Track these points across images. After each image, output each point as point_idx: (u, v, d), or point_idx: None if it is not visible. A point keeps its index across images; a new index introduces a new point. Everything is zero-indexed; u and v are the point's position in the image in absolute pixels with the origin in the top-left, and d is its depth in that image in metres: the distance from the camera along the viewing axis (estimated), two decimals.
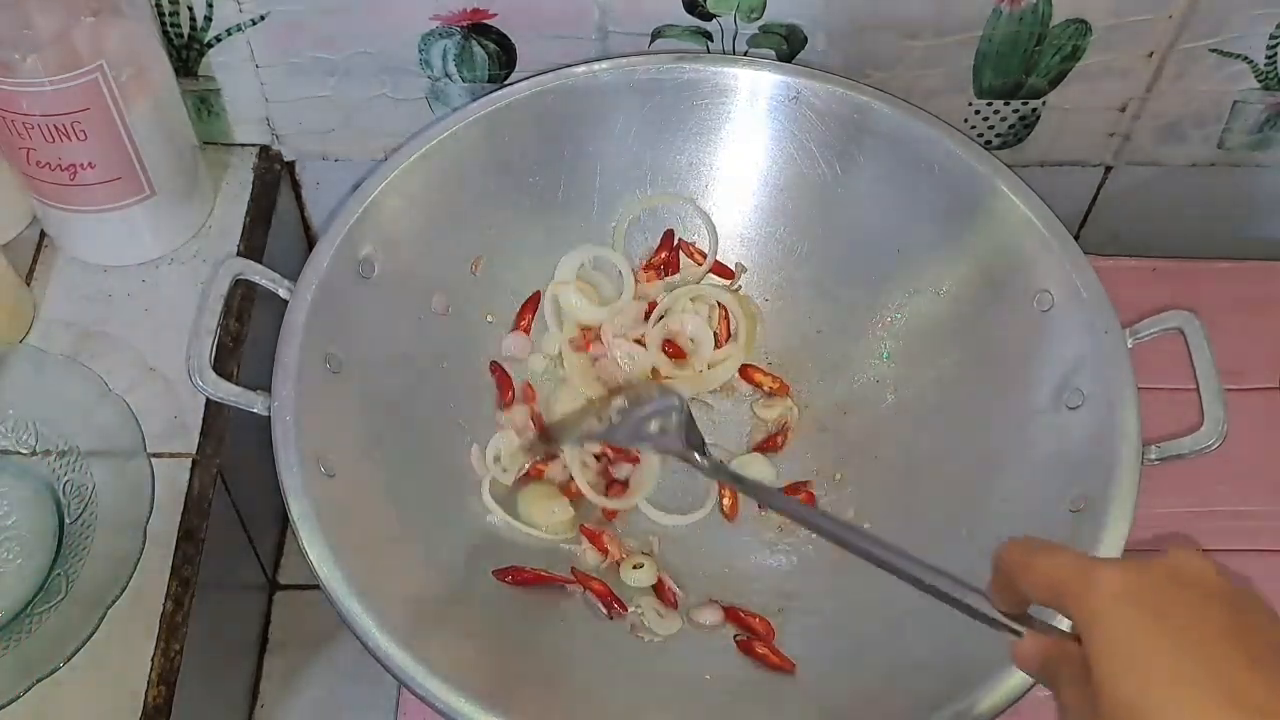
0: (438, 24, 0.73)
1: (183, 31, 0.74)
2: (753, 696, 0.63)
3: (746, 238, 0.76)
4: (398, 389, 0.68)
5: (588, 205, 0.75)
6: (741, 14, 0.73)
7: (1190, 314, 0.64)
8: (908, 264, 0.73)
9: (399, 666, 0.55)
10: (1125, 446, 0.61)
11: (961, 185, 0.69)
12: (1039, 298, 0.67)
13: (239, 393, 0.62)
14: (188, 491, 0.67)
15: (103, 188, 0.70)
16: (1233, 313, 0.78)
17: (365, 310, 0.67)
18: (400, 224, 0.68)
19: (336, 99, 0.78)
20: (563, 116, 0.72)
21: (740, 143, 0.74)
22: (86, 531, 0.63)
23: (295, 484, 0.59)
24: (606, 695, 0.62)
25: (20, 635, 0.60)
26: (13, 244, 0.76)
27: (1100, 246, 0.80)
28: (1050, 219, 0.67)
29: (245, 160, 0.81)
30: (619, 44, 0.74)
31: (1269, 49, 0.76)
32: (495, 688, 0.56)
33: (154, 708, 0.60)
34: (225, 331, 0.72)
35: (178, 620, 0.63)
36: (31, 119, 0.66)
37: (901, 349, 0.73)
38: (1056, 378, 0.65)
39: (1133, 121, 0.80)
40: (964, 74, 0.77)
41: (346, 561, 0.57)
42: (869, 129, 0.71)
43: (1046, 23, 0.73)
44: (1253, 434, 0.74)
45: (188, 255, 0.76)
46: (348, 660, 0.79)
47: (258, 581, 0.82)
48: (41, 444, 0.66)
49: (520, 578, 0.66)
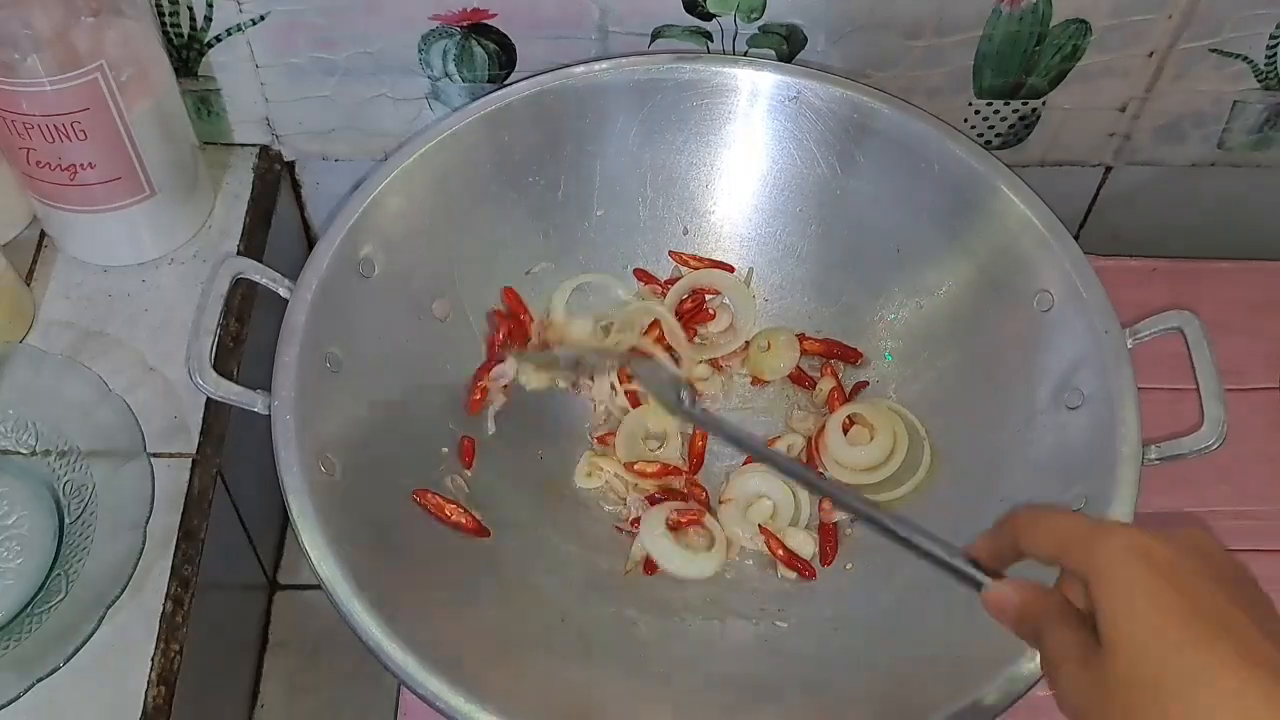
0: (437, 24, 0.73)
1: (183, 31, 0.74)
2: (755, 696, 0.63)
3: (746, 238, 0.76)
4: (398, 389, 0.68)
5: (588, 205, 0.75)
6: (741, 14, 0.73)
7: (1190, 314, 0.64)
8: (908, 264, 0.73)
9: (399, 666, 0.55)
10: (1125, 446, 0.61)
11: (961, 185, 0.69)
12: (1039, 298, 0.67)
13: (239, 392, 0.62)
14: (188, 491, 0.67)
15: (103, 188, 0.70)
16: (1233, 313, 0.78)
17: (365, 310, 0.67)
18: (400, 224, 0.68)
19: (336, 99, 0.78)
20: (563, 116, 0.72)
21: (740, 142, 0.74)
22: (86, 531, 0.63)
23: (295, 484, 0.59)
24: (609, 692, 0.62)
25: (20, 635, 0.60)
26: (13, 244, 0.76)
27: (1100, 246, 0.80)
28: (1050, 219, 0.67)
29: (245, 160, 0.81)
30: (619, 44, 0.74)
31: (1269, 49, 0.76)
32: (496, 687, 0.56)
33: (154, 708, 0.60)
34: (225, 331, 0.72)
35: (178, 620, 0.63)
36: (31, 119, 0.66)
37: (901, 349, 0.73)
38: (1056, 378, 0.65)
39: (1133, 121, 0.81)
40: (964, 74, 0.77)
41: (346, 561, 0.57)
42: (869, 129, 0.71)
43: (1046, 23, 0.74)
44: (1253, 434, 0.74)
45: (188, 255, 0.76)
46: (348, 660, 0.79)
47: (258, 581, 0.83)
48: (41, 444, 0.66)
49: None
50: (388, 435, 0.66)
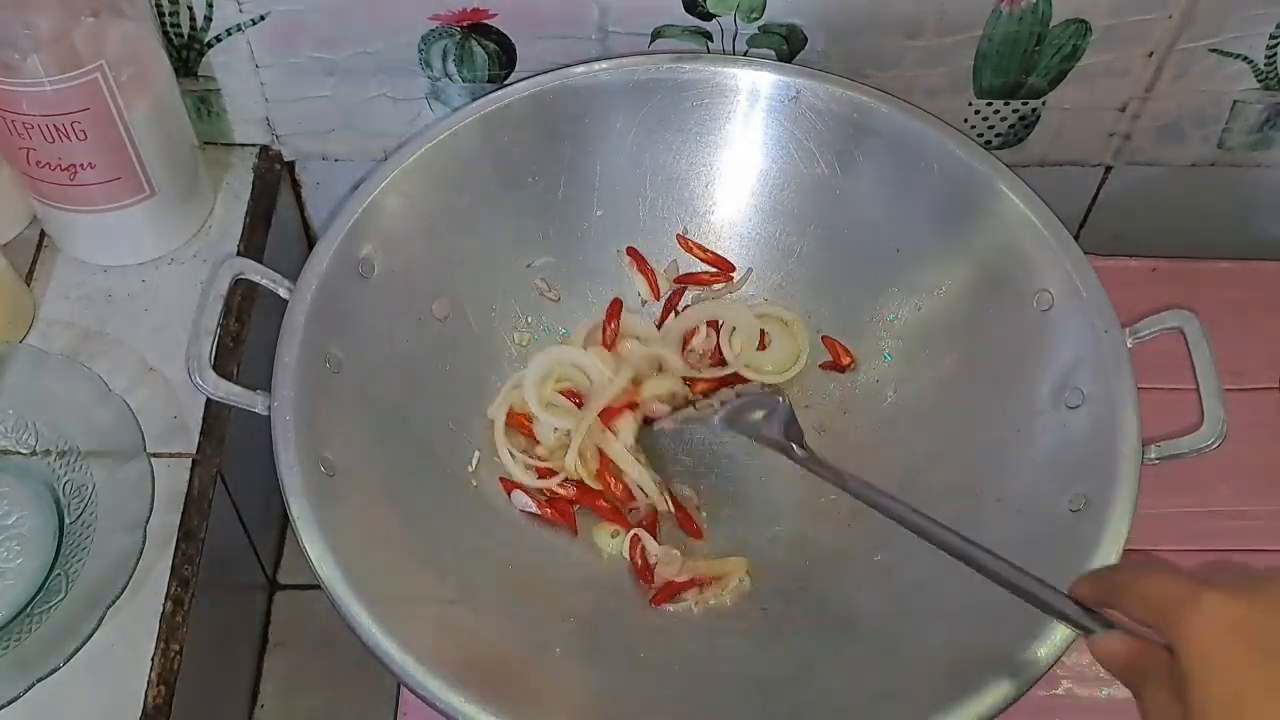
0: (437, 24, 0.73)
1: (183, 31, 0.74)
2: (755, 696, 0.62)
3: (746, 238, 0.76)
4: (398, 389, 0.68)
5: (587, 205, 0.75)
6: (741, 14, 0.73)
7: (1190, 314, 0.64)
8: (908, 264, 0.73)
9: (399, 666, 0.55)
10: (1125, 446, 0.61)
11: (961, 185, 0.69)
12: (1039, 298, 0.67)
13: (239, 393, 0.61)
14: (188, 491, 0.67)
15: (103, 188, 0.70)
16: (1233, 313, 0.78)
17: (365, 310, 0.67)
18: (400, 224, 0.68)
19: (336, 99, 0.78)
20: (563, 116, 0.72)
21: (740, 142, 0.74)
22: (86, 531, 0.63)
23: (295, 484, 0.59)
24: (610, 692, 0.62)
25: (20, 635, 0.60)
26: (13, 244, 0.76)
27: (1100, 246, 0.80)
28: (1050, 219, 0.67)
29: (245, 160, 0.81)
30: (619, 44, 0.74)
31: (1269, 49, 0.76)
32: (496, 687, 0.56)
33: (154, 708, 0.60)
34: (225, 331, 0.72)
35: (178, 620, 0.63)
36: (31, 119, 0.66)
37: (901, 349, 0.73)
38: (1056, 377, 0.65)
39: (1133, 121, 0.81)
40: (964, 74, 0.77)
41: (346, 561, 0.57)
42: (869, 129, 0.71)
43: (1046, 23, 0.74)
44: (1253, 434, 0.74)
45: (188, 255, 0.76)
46: (348, 660, 0.79)
47: (258, 581, 0.83)
48: (41, 444, 0.66)
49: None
50: (388, 435, 0.66)
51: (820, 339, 0.75)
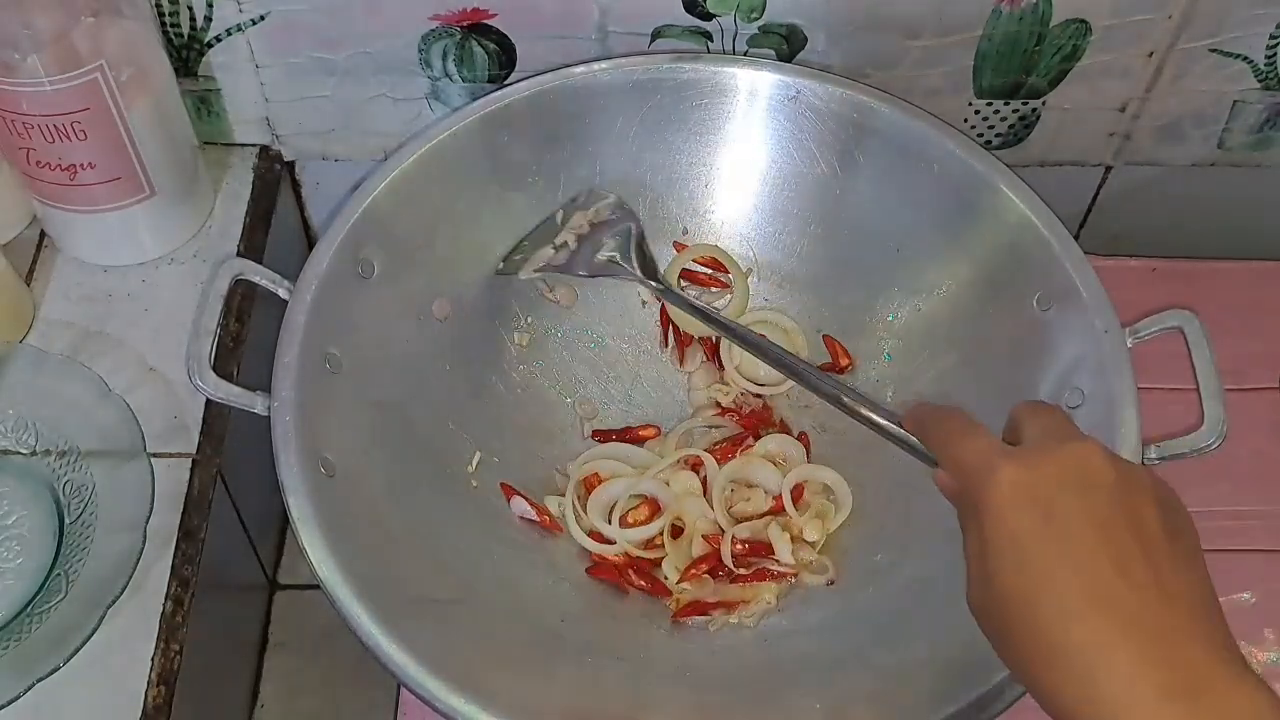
0: (437, 24, 0.73)
1: (183, 31, 0.74)
2: (755, 696, 0.63)
3: (746, 238, 0.76)
4: (398, 389, 0.68)
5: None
6: (741, 14, 0.73)
7: (1190, 314, 0.64)
8: (908, 264, 0.73)
9: (399, 666, 0.55)
10: (1125, 446, 0.61)
11: (961, 185, 0.69)
12: (1039, 298, 0.67)
13: (239, 393, 0.61)
14: (188, 491, 0.67)
15: (103, 188, 0.70)
16: (1233, 313, 0.78)
17: (365, 310, 0.67)
18: (400, 224, 0.68)
19: (336, 99, 0.78)
20: (563, 116, 0.72)
21: (740, 142, 0.74)
22: (86, 531, 0.63)
23: (295, 484, 0.59)
24: (609, 692, 0.62)
25: (20, 635, 0.60)
26: (13, 244, 0.76)
27: (1100, 246, 0.80)
28: (1050, 219, 0.67)
29: (245, 160, 0.81)
30: (619, 44, 0.74)
31: (1269, 49, 0.76)
32: (496, 687, 0.56)
33: (154, 708, 0.60)
34: (225, 331, 0.72)
35: (178, 620, 0.63)
36: (31, 119, 0.66)
37: (901, 349, 0.73)
38: (1056, 377, 0.65)
39: (1133, 121, 0.81)
40: (964, 74, 0.77)
41: (346, 561, 0.57)
42: (869, 129, 0.71)
43: (1046, 23, 0.74)
44: (1253, 434, 0.74)
45: (188, 255, 0.76)
46: (348, 660, 0.79)
47: (258, 581, 0.83)
48: (41, 444, 0.66)
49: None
50: (388, 435, 0.66)
51: (820, 339, 0.75)
